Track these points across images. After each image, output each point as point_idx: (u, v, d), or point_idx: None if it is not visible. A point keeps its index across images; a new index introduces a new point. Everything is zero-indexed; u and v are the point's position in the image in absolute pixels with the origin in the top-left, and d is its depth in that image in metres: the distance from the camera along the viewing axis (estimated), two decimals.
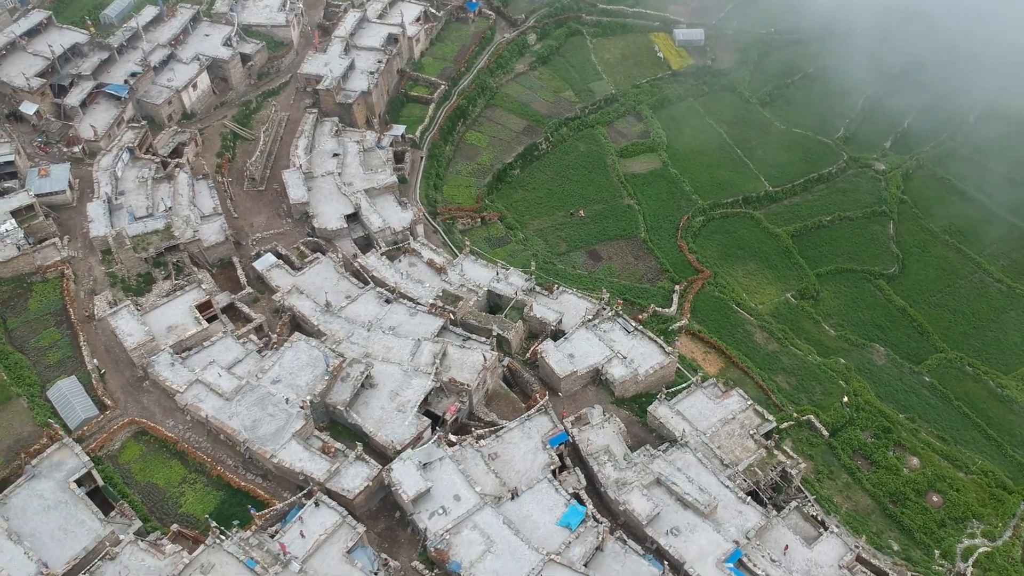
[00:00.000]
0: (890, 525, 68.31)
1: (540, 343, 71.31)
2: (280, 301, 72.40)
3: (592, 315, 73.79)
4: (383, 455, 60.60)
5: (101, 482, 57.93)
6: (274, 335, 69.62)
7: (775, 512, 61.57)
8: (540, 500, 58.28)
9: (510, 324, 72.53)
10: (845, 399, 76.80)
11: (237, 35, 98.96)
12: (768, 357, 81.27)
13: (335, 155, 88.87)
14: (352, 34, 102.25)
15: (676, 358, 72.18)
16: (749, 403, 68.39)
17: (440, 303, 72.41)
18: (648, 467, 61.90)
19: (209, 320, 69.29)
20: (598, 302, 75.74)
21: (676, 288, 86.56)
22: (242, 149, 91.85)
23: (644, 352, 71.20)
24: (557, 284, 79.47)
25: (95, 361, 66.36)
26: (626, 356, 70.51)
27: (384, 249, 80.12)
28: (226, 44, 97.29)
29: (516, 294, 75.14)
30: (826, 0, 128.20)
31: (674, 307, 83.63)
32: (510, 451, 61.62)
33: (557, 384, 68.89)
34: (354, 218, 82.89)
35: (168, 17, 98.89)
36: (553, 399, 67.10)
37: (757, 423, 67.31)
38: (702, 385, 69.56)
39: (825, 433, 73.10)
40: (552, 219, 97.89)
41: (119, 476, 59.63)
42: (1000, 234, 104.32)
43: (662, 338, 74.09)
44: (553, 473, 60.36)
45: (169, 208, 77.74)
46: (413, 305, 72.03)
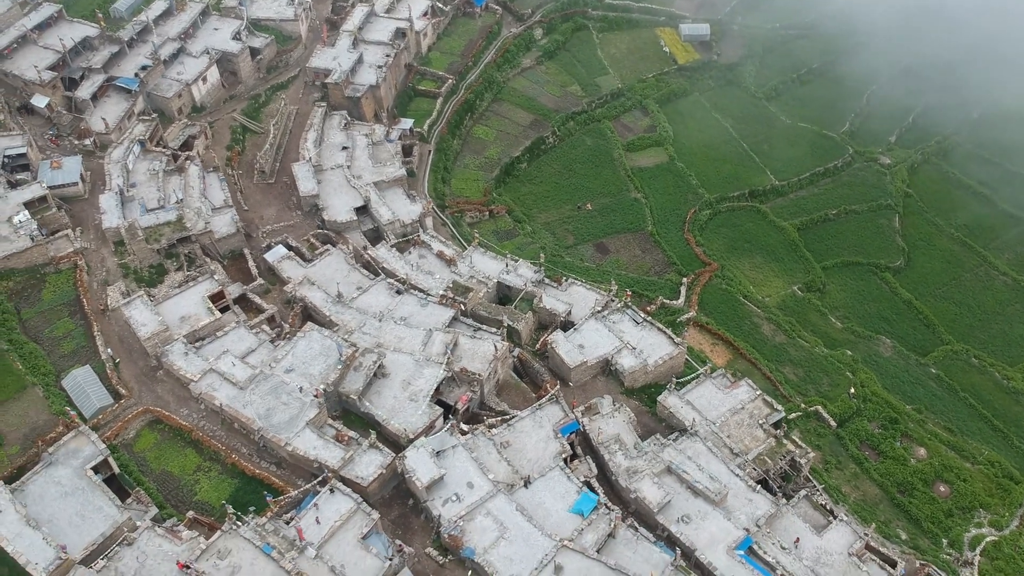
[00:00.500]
0: (898, 514, 68.95)
1: (550, 333, 71.70)
2: (292, 292, 72.89)
3: (601, 306, 74.19)
4: (396, 443, 61.07)
5: (117, 469, 58.39)
6: (287, 325, 70.13)
7: (785, 501, 62.01)
8: (552, 488, 58.79)
9: (520, 315, 72.94)
10: (852, 390, 77.34)
11: (246, 29, 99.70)
12: (775, 349, 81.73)
13: (344, 148, 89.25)
14: (360, 28, 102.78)
15: (685, 349, 72.58)
16: (758, 393, 68.71)
17: (451, 294, 72.87)
18: (658, 456, 62.30)
19: (222, 310, 69.78)
20: (607, 294, 76.15)
21: (684, 280, 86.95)
22: (251, 142, 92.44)
23: (653, 343, 71.58)
24: (566, 276, 79.81)
25: (109, 351, 66.84)
26: (635, 347, 70.88)
27: (394, 241, 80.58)
28: (235, 38, 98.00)
29: (525, 285, 75.55)
30: None
31: (682, 299, 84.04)
32: (522, 440, 62.09)
33: (567, 374, 69.28)
34: (363, 211, 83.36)
35: (178, 11, 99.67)
36: (563, 389, 67.46)
37: (766, 413, 67.64)
38: (711, 375, 70.00)
39: (833, 424, 73.75)
40: (559, 212, 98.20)
41: (134, 464, 60.12)
42: (1005, 228, 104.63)
43: (670, 330, 74.46)
44: (565, 461, 60.80)
45: (180, 200, 78.25)
46: (424, 296, 72.45)
